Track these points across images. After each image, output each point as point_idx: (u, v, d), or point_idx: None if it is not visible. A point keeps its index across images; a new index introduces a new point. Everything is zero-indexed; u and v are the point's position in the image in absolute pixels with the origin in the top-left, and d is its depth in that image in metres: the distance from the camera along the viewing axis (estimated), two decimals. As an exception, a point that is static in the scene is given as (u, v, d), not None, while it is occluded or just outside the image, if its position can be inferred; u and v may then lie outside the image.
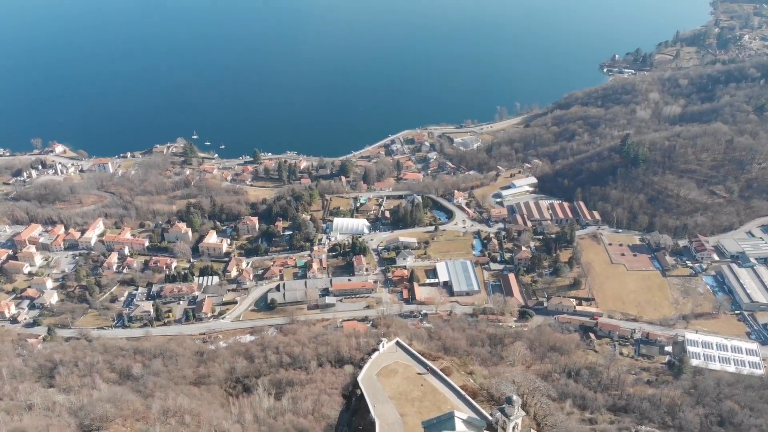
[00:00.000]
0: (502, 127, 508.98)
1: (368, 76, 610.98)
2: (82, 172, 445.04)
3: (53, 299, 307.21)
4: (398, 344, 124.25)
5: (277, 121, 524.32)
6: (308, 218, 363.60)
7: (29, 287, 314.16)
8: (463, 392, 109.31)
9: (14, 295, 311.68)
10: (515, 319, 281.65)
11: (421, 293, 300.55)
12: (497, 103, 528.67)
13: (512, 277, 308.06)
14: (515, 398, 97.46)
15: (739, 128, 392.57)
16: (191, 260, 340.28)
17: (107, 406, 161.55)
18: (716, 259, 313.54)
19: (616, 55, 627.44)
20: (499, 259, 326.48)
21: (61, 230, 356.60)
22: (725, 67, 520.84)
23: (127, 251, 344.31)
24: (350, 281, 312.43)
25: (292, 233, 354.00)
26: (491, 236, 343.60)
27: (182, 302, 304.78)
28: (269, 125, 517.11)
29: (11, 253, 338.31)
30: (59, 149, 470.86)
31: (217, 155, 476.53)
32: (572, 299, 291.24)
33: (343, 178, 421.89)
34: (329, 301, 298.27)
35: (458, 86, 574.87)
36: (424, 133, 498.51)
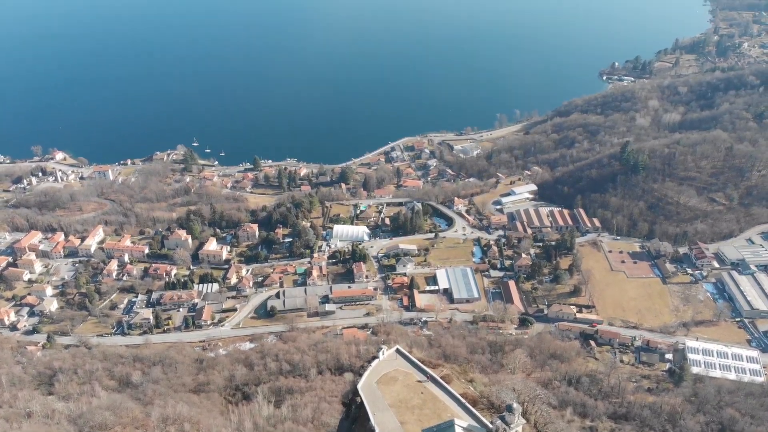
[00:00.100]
0: (501, 134, 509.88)
1: (368, 83, 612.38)
2: (82, 179, 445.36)
3: (53, 306, 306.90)
4: (398, 352, 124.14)
5: (277, 128, 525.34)
6: (308, 225, 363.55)
7: (29, 294, 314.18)
8: (463, 400, 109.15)
9: (14, 302, 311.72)
10: (515, 326, 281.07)
11: (421, 300, 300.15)
12: (497, 110, 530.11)
13: (512, 284, 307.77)
14: (516, 406, 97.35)
15: (738, 135, 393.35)
16: (191, 267, 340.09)
17: (106, 413, 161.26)
18: (716, 266, 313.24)
19: (615, 62, 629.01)
20: (499, 266, 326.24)
21: (61, 237, 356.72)
22: (724, 74, 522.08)
23: (126, 258, 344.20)
24: (350, 288, 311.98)
25: (292, 240, 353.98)
26: (491, 243, 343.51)
27: (182, 309, 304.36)
28: (269, 132, 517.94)
29: (11, 260, 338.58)
30: (59, 156, 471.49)
31: (217, 162, 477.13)
32: (572, 306, 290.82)
33: (343, 185, 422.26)
34: (329, 308, 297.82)
35: (458, 94, 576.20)
36: (424, 140, 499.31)
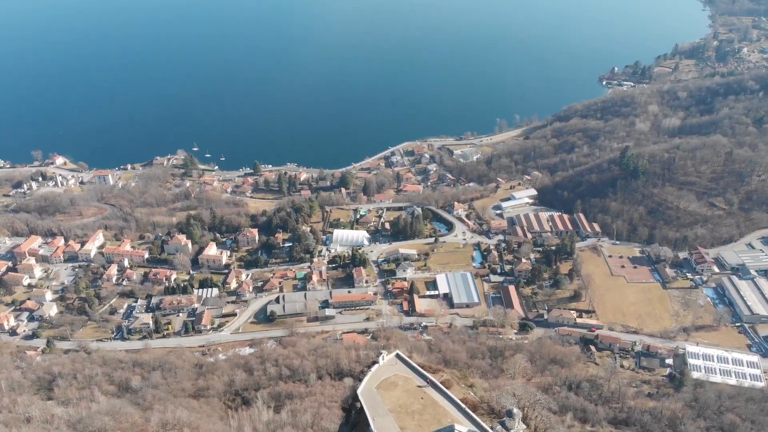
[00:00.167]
0: (501, 139, 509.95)
1: (368, 88, 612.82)
2: (82, 184, 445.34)
3: (52, 311, 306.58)
4: (398, 357, 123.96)
5: (277, 133, 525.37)
6: (308, 230, 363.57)
7: (28, 299, 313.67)
8: (463, 405, 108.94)
9: (13, 307, 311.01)
10: (515, 331, 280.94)
11: (421, 305, 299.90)
12: (497, 115, 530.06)
13: (512, 289, 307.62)
14: (516, 411, 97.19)
15: (738, 140, 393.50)
16: (191, 272, 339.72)
17: (106, 418, 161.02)
18: (716, 271, 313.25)
19: (615, 67, 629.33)
20: (499, 271, 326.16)
21: (60, 242, 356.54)
22: (724, 79, 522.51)
23: (126, 263, 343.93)
24: (350, 293, 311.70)
25: (291, 245, 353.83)
26: (491, 248, 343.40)
27: (181, 314, 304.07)
28: (269, 137, 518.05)
29: (11, 265, 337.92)
30: (59, 161, 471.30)
31: (217, 167, 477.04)
32: (572, 311, 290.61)
33: (343, 189, 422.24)
34: (329, 313, 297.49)
35: (458, 98, 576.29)
36: (423, 145, 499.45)
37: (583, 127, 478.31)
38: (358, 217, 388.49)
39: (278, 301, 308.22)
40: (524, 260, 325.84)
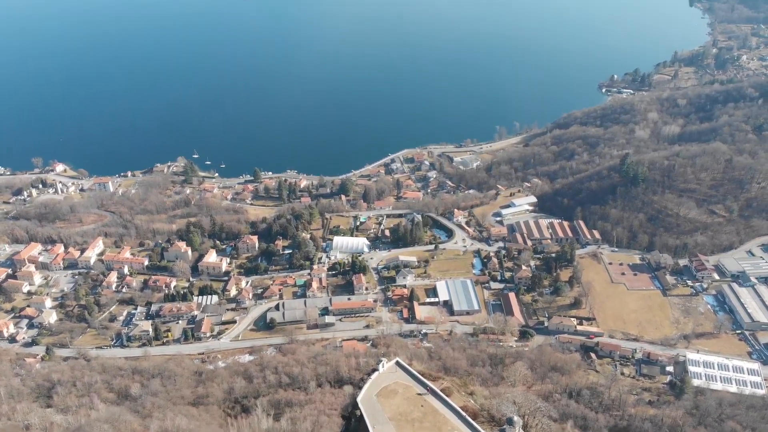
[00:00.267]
0: (501, 146, 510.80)
1: (368, 95, 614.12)
2: (82, 191, 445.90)
3: (52, 318, 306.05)
4: (398, 364, 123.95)
5: (277, 140, 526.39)
6: (308, 237, 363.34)
7: (28, 306, 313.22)
8: (463, 413, 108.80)
9: (13, 314, 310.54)
10: (516, 338, 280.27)
11: (421, 312, 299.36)
12: (496, 122, 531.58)
13: (512, 296, 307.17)
14: (516, 419, 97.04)
15: (738, 148, 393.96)
16: (190, 279, 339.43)
17: (105, 426, 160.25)
18: (717, 278, 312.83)
19: (614, 75, 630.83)
20: (499, 278, 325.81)
21: (60, 249, 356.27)
22: (723, 87, 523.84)
23: (126, 270, 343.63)
24: (350, 300, 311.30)
25: (291, 252, 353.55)
26: (491, 255, 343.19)
27: (181, 322, 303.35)
28: (270, 144, 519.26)
29: (10, 272, 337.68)
30: (60, 168, 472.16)
31: (217, 174, 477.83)
32: (573, 319, 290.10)
33: (343, 196, 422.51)
34: (329, 320, 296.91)
35: (458, 106, 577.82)
36: (423, 152, 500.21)
37: (582, 134, 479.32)
38: (358, 224, 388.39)
39: (278, 308, 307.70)
40: (524, 267, 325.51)
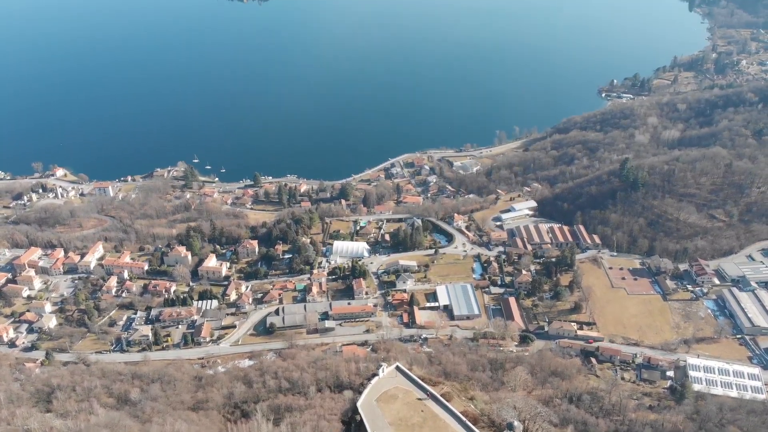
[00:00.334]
0: (501, 151, 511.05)
1: (368, 100, 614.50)
2: (82, 195, 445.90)
3: (52, 323, 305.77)
4: (398, 369, 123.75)
5: (277, 144, 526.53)
6: (308, 241, 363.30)
7: (28, 311, 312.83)
8: (464, 418, 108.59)
9: (13, 318, 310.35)
10: (516, 343, 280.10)
11: (421, 317, 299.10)
12: (496, 127, 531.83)
13: (513, 300, 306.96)
14: (516, 424, 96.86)
15: (737, 152, 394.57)
16: (190, 284, 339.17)
17: (104, 431, 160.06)
18: (717, 283, 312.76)
19: (614, 80, 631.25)
20: (499, 282, 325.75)
21: (60, 254, 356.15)
22: (723, 91, 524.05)
23: (126, 275, 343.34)
24: (350, 305, 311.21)
25: (291, 256, 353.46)
26: (491, 260, 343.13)
27: (181, 326, 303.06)
28: (270, 149, 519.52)
29: (10, 276, 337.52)
30: (60, 173, 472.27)
31: (217, 179, 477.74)
32: (573, 323, 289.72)
33: (343, 201, 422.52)
34: (329, 325, 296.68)
35: (458, 111, 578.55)
36: (423, 156, 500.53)
37: (582, 139, 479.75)
38: (358, 228, 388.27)
39: (278, 312, 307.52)
40: (524, 272, 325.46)
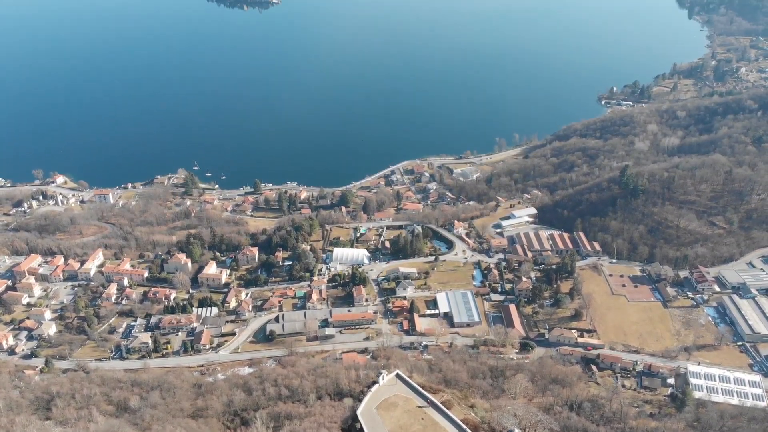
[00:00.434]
0: (501, 158, 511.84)
1: (368, 107, 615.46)
2: (82, 202, 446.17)
3: (51, 330, 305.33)
4: (398, 376, 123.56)
5: (277, 152, 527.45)
6: (308, 248, 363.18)
7: (28, 318, 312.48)
8: (464, 426, 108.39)
9: (12, 326, 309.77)
10: (516, 350, 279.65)
11: (421, 324, 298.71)
12: (496, 134, 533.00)
13: (513, 308, 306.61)
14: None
15: (737, 159, 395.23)
16: (190, 291, 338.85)
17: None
18: (717, 290, 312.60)
19: (613, 87, 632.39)
20: (499, 289, 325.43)
21: (60, 261, 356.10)
22: (723, 99, 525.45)
23: (126, 282, 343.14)
24: (350, 312, 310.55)
25: (291, 264, 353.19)
26: (491, 267, 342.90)
27: (181, 333, 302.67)
28: (270, 156, 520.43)
29: (10, 283, 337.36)
30: (60, 180, 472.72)
31: (217, 186, 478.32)
32: (574, 331, 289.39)
33: (343, 208, 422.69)
34: (329, 332, 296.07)
35: (457, 118, 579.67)
36: (423, 163, 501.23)
37: (582, 146, 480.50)
38: (358, 235, 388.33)
39: (278, 320, 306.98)
40: (525, 279, 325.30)
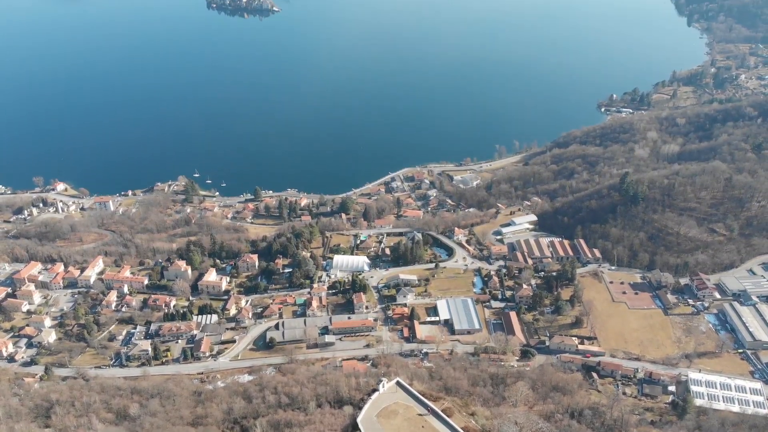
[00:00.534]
0: (501, 165, 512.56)
1: (368, 114, 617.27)
2: (83, 210, 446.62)
3: (51, 338, 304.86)
4: (399, 384, 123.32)
5: (278, 159, 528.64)
6: (308, 255, 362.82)
7: (27, 325, 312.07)
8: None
9: (12, 333, 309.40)
10: (517, 358, 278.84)
11: (421, 331, 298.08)
12: (496, 141, 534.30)
13: (513, 315, 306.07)
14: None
15: (737, 166, 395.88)
16: (190, 298, 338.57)
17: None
18: (718, 297, 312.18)
19: (613, 94, 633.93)
20: (500, 296, 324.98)
21: (60, 268, 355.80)
22: (722, 106, 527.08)
23: (126, 289, 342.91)
24: (350, 319, 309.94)
25: (291, 271, 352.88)
26: (492, 274, 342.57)
27: (180, 341, 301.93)
28: (270, 163, 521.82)
29: (10, 291, 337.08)
30: (60, 187, 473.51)
31: (218, 193, 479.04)
32: (574, 338, 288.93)
33: (343, 215, 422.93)
34: (329, 339, 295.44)
35: (457, 125, 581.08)
36: (423, 170, 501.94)
37: (582, 153, 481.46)
38: (358, 242, 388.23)
39: (278, 327, 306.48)
40: (525, 286, 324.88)
